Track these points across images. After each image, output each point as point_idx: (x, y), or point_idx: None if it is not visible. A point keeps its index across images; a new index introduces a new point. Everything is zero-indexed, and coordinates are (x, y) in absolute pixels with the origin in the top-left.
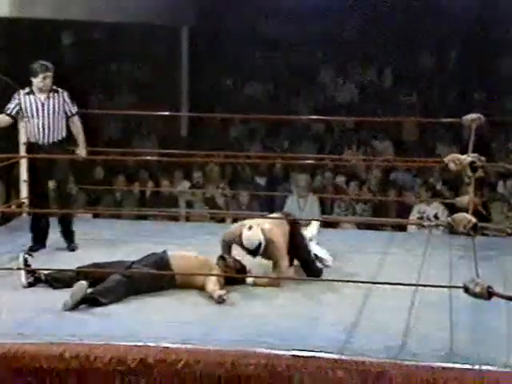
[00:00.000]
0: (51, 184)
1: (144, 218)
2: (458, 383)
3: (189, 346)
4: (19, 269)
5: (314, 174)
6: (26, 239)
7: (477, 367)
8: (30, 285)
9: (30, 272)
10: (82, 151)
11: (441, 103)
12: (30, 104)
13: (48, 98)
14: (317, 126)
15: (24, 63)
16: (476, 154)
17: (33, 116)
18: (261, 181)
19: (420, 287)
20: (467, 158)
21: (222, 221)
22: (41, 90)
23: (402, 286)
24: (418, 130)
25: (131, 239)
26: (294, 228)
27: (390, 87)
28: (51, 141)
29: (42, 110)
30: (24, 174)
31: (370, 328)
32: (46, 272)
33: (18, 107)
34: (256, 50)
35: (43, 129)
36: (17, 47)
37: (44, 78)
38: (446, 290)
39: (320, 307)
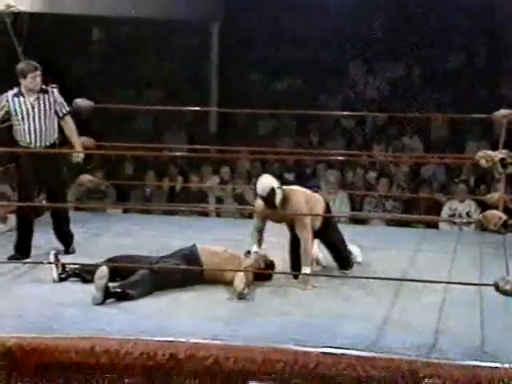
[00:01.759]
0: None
1: (174, 213)
2: (488, 382)
3: (218, 342)
4: (50, 263)
5: (345, 170)
6: (49, 236)
7: (507, 366)
8: (62, 279)
9: (61, 267)
10: (78, 153)
11: (470, 99)
12: (20, 106)
13: (38, 99)
14: (346, 122)
15: (54, 58)
16: (507, 151)
17: (23, 119)
18: (289, 176)
19: (450, 285)
20: (498, 155)
21: (252, 216)
22: (31, 91)
23: (432, 284)
24: (447, 127)
25: (160, 234)
26: (329, 217)
27: (419, 84)
28: (43, 144)
29: (32, 113)
30: None
31: (399, 326)
32: (76, 265)
33: (2, 112)
34: (285, 46)
35: (34, 132)
36: (47, 42)
37: (34, 78)
38: (476, 287)
39: (349, 304)
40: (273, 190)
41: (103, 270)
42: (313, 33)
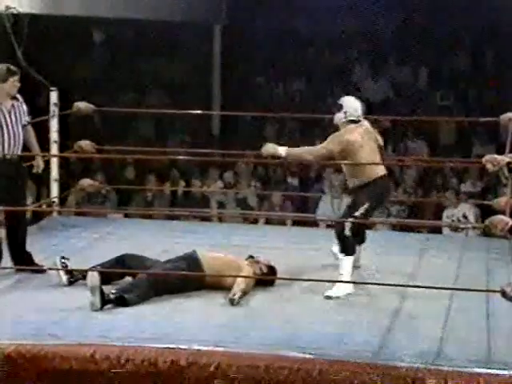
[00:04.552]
0: None
1: (175, 218)
2: None
3: (221, 349)
4: (50, 269)
5: None
6: (58, 239)
7: None
8: (71, 283)
9: (69, 271)
10: (40, 162)
11: (478, 102)
12: None
13: (13, 106)
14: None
15: (54, 61)
16: None
17: (1, 126)
18: (294, 181)
19: (456, 291)
20: (504, 159)
21: (255, 222)
22: (7, 97)
23: (438, 290)
24: (454, 130)
25: (162, 239)
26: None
27: (425, 86)
28: (16, 153)
29: (10, 120)
30: (55, 173)
31: (405, 333)
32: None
33: None
34: (289, 48)
35: (9, 140)
36: (47, 44)
37: (14, 83)
38: (482, 293)
39: (354, 311)
40: (339, 105)
41: (93, 274)
42: (317, 35)
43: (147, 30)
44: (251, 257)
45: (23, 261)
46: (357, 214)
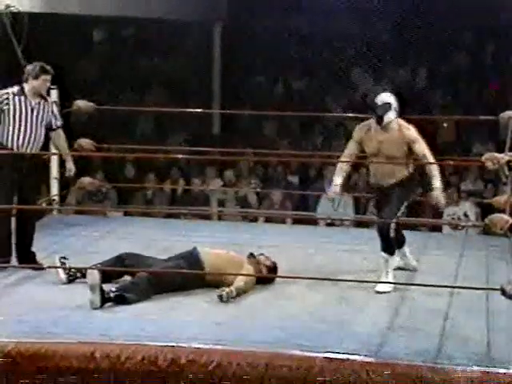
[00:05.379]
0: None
1: (175, 216)
2: None
3: (221, 347)
4: (50, 267)
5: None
6: (58, 237)
7: None
8: (70, 281)
9: (68, 269)
10: (71, 167)
11: (477, 101)
12: (20, 107)
13: (39, 104)
14: (350, 124)
15: (54, 59)
16: None
17: (21, 120)
18: (293, 179)
19: (456, 289)
20: (504, 157)
21: (255, 220)
22: (35, 94)
23: (438, 288)
24: (454, 129)
25: (162, 237)
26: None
27: (424, 86)
28: (32, 151)
29: (31, 116)
30: (55, 171)
31: (405, 331)
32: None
33: (5, 106)
34: (289, 47)
35: (25, 136)
36: (47, 43)
37: (45, 81)
38: (482, 292)
39: (354, 309)
40: (388, 104)
41: (93, 272)
42: (317, 34)
43: (147, 28)
44: (252, 254)
45: (28, 260)
46: (399, 213)
